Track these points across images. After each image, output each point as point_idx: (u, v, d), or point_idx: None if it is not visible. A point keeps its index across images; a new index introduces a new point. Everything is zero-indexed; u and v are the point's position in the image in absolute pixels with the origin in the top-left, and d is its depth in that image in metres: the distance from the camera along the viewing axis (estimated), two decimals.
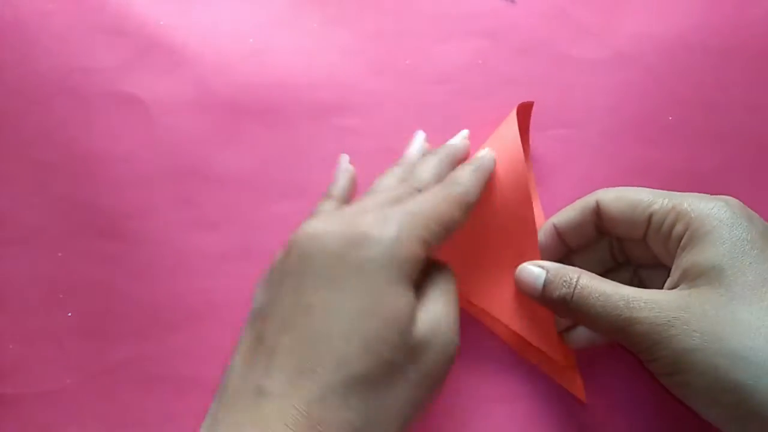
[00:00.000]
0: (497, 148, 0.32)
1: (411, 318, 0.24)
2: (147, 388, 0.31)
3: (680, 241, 0.27)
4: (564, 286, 0.28)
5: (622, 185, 0.36)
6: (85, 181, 0.36)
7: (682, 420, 0.32)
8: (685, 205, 0.27)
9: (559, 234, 0.32)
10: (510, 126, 0.32)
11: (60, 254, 0.35)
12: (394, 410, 0.23)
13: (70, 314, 0.34)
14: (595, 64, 0.38)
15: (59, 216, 0.36)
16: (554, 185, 0.36)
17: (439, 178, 0.30)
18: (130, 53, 0.38)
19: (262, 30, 0.39)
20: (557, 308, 0.29)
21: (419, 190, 0.28)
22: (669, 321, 0.25)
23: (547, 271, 0.29)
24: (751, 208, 0.28)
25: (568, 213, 0.32)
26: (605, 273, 0.32)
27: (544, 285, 0.29)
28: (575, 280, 0.28)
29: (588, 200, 0.31)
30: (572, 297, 0.28)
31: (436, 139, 0.35)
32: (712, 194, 0.28)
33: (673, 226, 0.27)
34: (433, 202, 0.26)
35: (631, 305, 0.26)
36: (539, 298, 0.30)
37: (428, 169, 0.30)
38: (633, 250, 0.31)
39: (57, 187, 0.36)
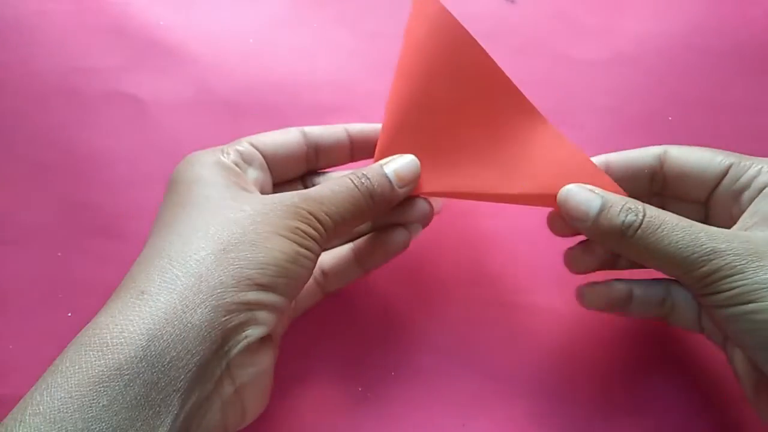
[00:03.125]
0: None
1: None
2: None
3: (762, 190, 0.27)
4: (630, 212, 0.26)
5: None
6: (84, 181, 0.36)
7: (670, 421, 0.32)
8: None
9: (610, 171, 0.30)
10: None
11: (60, 254, 0.35)
12: None
13: (70, 314, 0.34)
14: (595, 64, 0.38)
15: (59, 216, 0.36)
16: None
17: None
18: (130, 53, 0.38)
19: (262, 30, 0.39)
20: (611, 238, 0.27)
21: None
22: (757, 252, 0.25)
23: (602, 196, 0.27)
24: None
25: (629, 152, 0.30)
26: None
27: (601, 209, 0.27)
28: (642, 208, 0.26)
29: (654, 148, 0.30)
30: (640, 225, 0.26)
31: None
32: None
33: (755, 177, 0.28)
34: None
35: (714, 236, 0.25)
36: (591, 224, 0.27)
37: None
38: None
39: (57, 187, 0.36)
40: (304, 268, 0.25)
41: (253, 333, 0.24)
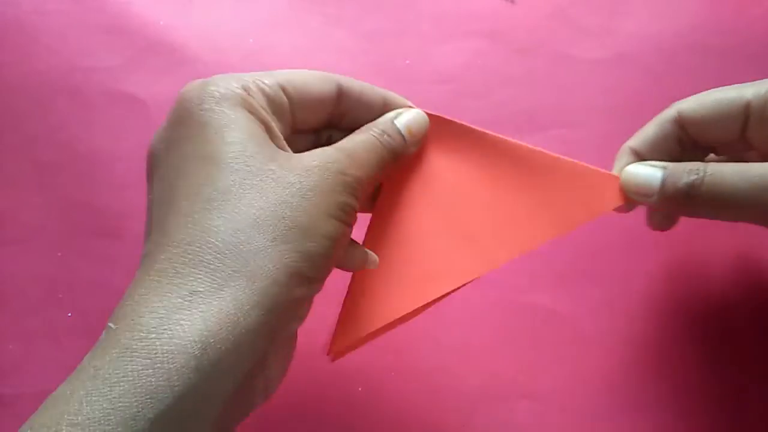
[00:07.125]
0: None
1: None
2: None
3: None
4: (692, 173, 0.25)
5: None
6: (85, 181, 0.36)
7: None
8: None
9: (639, 157, 0.29)
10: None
11: (60, 254, 0.35)
12: None
13: (69, 314, 0.34)
14: (595, 64, 0.38)
15: (59, 216, 0.36)
16: None
17: None
18: (131, 53, 0.38)
19: (262, 30, 0.39)
20: (681, 203, 0.26)
21: None
22: None
23: (664, 168, 0.27)
24: None
25: (646, 131, 0.29)
26: None
27: (664, 178, 0.26)
28: (702, 166, 0.26)
29: (666, 113, 0.29)
30: (703, 181, 0.25)
31: None
32: None
33: None
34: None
35: None
36: (657, 195, 0.26)
37: None
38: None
39: (57, 187, 0.36)
40: (343, 248, 0.23)
41: (294, 328, 0.22)
